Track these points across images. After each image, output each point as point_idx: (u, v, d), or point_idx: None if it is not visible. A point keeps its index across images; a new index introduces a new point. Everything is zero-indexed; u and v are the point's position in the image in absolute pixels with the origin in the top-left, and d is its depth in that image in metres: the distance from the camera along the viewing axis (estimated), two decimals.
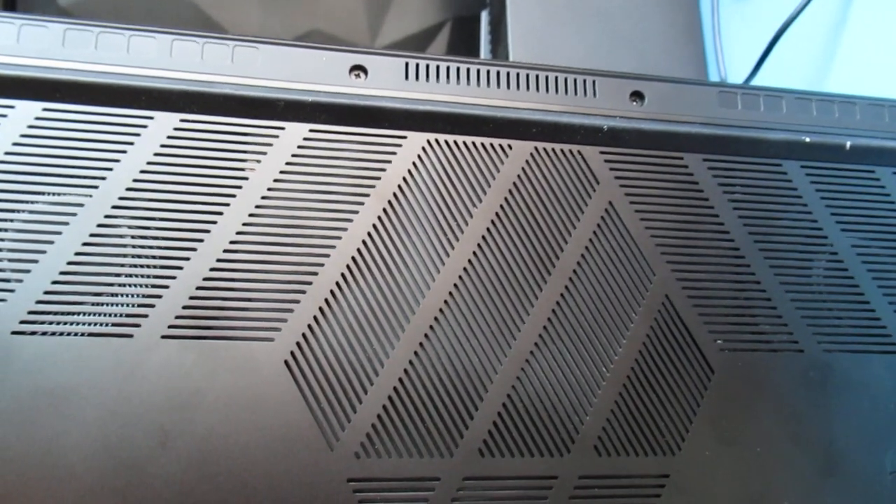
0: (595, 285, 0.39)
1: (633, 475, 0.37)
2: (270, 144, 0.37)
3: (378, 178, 0.38)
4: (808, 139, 0.43)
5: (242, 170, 0.36)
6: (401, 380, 0.35)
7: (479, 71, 0.40)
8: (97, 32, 0.37)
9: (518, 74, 0.41)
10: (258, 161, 0.37)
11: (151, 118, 0.36)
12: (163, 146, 0.36)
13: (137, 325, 0.34)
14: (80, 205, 0.35)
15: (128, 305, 0.34)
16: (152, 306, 0.34)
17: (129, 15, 0.74)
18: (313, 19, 0.80)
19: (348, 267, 0.36)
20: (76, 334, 0.33)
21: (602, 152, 0.41)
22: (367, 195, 0.37)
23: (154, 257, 0.35)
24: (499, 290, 0.38)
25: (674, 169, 0.41)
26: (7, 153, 0.34)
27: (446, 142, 0.39)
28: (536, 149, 0.40)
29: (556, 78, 0.41)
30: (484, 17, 0.81)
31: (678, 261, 0.40)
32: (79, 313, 0.33)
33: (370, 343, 0.36)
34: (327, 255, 0.36)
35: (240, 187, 0.36)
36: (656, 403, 0.38)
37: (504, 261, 0.38)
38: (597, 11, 0.73)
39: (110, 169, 0.35)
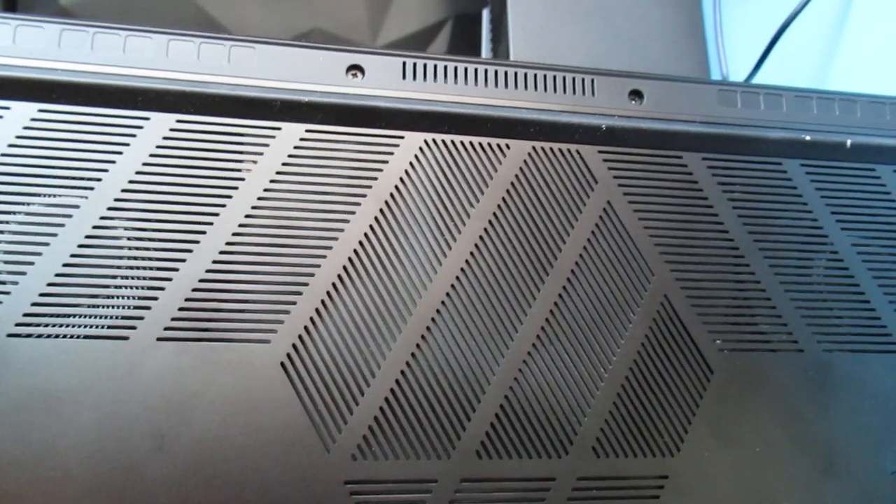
0: (593, 285, 0.38)
1: (632, 476, 0.37)
2: (267, 145, 0.37)
3: (375, 179, 0.38)
4: (808, 137, 0.42)
5: (239, 170, 0.36)
6: (398, 381, 0.35)
7: (476, 70, 0.40)
8: (93, 33, 0.37)
9: (516, 73, 0.41)
10: (254, 161, 0.37)
11: (147, 119, 0.36)
12: (159, 147, 0.36)
13: (133, 328, 0.34)
14: (76, 206, 0.34)
15: (124, 307, 0.34)
16: (148, 308, 0.34)
17: (131, 14, 0.74)
18: (314, 18, 0.80)
19: (345, 268, 0.36)
20: (72, 336, 0.33)
21: (600, 151, 0.40)
22: (364, 195, 0.37)
23: (150, 259, 0.35)
24: (496, 290, 0.37)
25: (673, 168, 0.41)
26: (2, 154, 0.34)
27: (444, 141, 0.39)
28: (534, 148, 0.40)
29: (555, 77, 0.41)
30: (485, 15, 0.81)
31: (677, 261, 0.40)
32: (74, 315, 0.33)
33: (367, 344, 0.35)
34: (324, 256, 0.36)
35: (236, 188, 0.36)
36: (655, 404, 0.38)
37: (502, 261, 0.38)
38: (598, 9, 0.72)
39: (106, 170, 0.35)
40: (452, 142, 0.39)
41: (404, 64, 0.40)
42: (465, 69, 0.40)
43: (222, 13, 0.77)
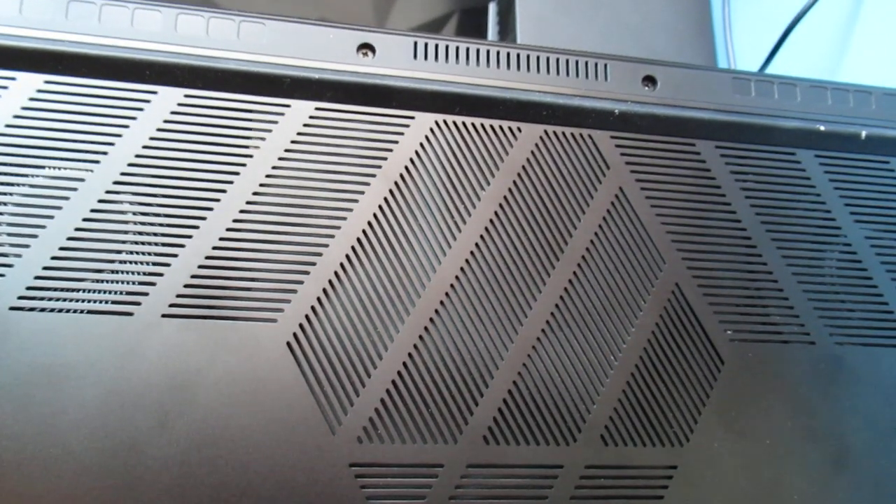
0: (604, 272, 0.38)
1: (641, 466, 0.36)
2: (275, 122, 0.36)
3: (385, 159, 0.37)
4: (822, 128, 0.42)
5: (247, 147, 0.36)
6: (405, 364, 0.35)
7: (488, 52, 0.40)
8: (101, 4, 0.36)
9: (528, 56, 0.40)
10: (263, 139, 0.36)
11: (155, 93, 0.35)
12: (166, 122, 0.35)
13: (138, 304, 0.33)
14: (81, 180, 0.34)
15: (128, 283, 0.33)
16: (153, 284, 0.33)
17: None
18: (319, 9, 0.79)
19: (353, 248, 0.35)
20: (75, 311, 0.32)
21: (613, 137, 0.40)
22: (374, 175, 0.37)
23: (156, 234, 0.34)
24: (506, 274, 0.37)
25: (686, 155, 0.40)
26: (7, 126, 0.34)
27: (455, 123, 0.38)
28: (546, 132, 0.39)
29: (568, 61, 0.41)
30: (492, 8, 0.80)
31: (689, 249, 0.39)
32: (78, 290, 0.33)
33: (374, 326, 0.35)
34: (332, 236, 0.35)
35: (244, 165, 0.35)
36: (665, 393, 0.37)
37: (511, 245, 0.37)
38: (606, 3, 0.72)
39: (112, 144, 0.34)
40: (464, 123, 0.38)
41: (416, 44, 0.39)
42: (478, 50, 0.40)
43: (227, 3, 0.77)
